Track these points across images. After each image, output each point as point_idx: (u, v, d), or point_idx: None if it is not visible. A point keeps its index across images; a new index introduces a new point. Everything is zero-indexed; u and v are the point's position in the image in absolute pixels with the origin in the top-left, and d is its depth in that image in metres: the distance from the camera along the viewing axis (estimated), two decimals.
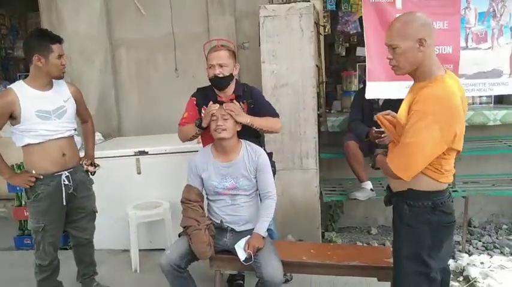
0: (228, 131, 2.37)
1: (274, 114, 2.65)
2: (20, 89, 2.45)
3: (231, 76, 2.55)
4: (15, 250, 3.82)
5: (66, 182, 2.58)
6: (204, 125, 2.47)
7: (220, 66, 2.48)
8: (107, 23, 4.39)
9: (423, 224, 1.79)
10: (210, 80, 2.56)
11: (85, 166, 2.74)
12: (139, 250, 3.31)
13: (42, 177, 2.50)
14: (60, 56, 2.52)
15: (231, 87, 2.60)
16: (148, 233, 3.52)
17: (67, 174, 2.58)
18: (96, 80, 4.45)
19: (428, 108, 1.67)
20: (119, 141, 4.16)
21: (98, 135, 4.10)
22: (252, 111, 2.58)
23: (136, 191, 3.51)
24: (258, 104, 2.63)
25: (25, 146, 2.49)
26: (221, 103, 2.48)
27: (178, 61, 4.33)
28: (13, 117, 2.44)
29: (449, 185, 1.86)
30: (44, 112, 2.48)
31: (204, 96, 2.63)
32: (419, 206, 1.79)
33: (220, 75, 2.49)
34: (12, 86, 2.49)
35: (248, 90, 2.67)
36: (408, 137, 1.70)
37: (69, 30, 4.41)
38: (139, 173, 3.53)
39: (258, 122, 2.52)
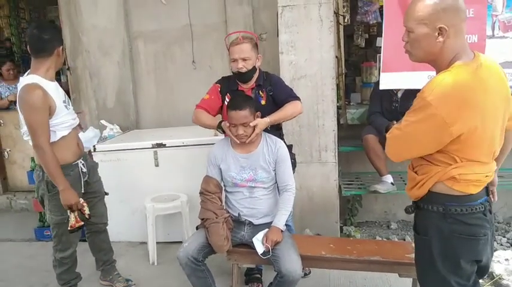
0: (248, 136, 2.36)
1: (293, 97, 2.60)
2: (42, 82, 2.38)
3: (253, 69, 2.55)
4: (35, 241, 3.88)
5: (84, 170, 2.60)
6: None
7: (244, 60, 2.48)
8: (125, 16, 4.39)
9: (432, 232, 1.59)
10: (234, 73, 2.58)
11: None
12: (157, 243, 3.31)
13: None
14: None
15: (254, 78, 2.61)
16: (165, 226, 3.52)
17: (82, 162, 2.61)
18: (114, 73, 4.47)
19: (427, 96, 1.46)
20: (137, 134, 4.17)
21: (116, 128, 4.13)
22: (271, 98, 2.60)
23: (154, 183, 3.51)
24: (276, 91, 2.62)
25: (57, 140, 2.43)
26: (242, 93, 2.57)
27: (196, 53, 4.30)
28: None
29: (478, 193, 1.58)
30: (65, 102, 2.51)
31: (227, 85, 2.65)
32: (429, 210, 1.60)
33: (244, 70, 2.50)
34: (34, 81, 2.35)
35: (268, 79, 2.66)
36: (402, 123, 1.57)
37: (87, 23, 4.44)
38: (157, 165, 3.53)
39: (277, 117, 2.51)
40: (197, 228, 2.52)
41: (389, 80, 3.09)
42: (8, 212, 4.80)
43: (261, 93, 2.60)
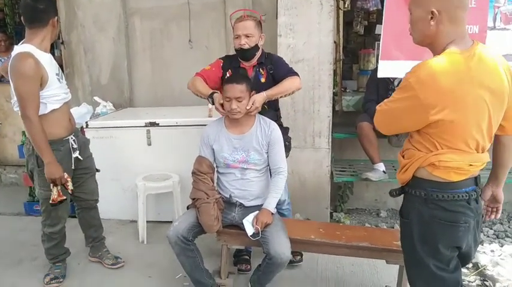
0: (242, 112, 2.35)
1: (291, 73, 2.61)
2: (36, 52, 2.32)
3: (256, 47, 2.58)
4: (24, 216, 3.87)
5: (75, 146, 2.57)
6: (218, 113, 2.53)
7: (246, 36, 2.52)
8: None
9: (413, 215, 1.65)
10: (236, 50, 2.60)
11: None
12: (147, 222, 3.31)
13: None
14: None
15: (256, 56, 2.63)
16: (156, 205, 3.52)
17: (73, 137, 2.58)
18: (109, 49, 4.39)
19: (410, 77, 1.52)
20: (130, 112, 4.13)
21: (109, 105, 4.09)
22: (271, 76, 2.62)
23: (146, 162, 3.50)
24: (276, 69, 2.63)
25: (47, 113, 2.40)
26: (244, 70, 2.60)
27: (193, 32, 4.23)
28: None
29: (463, 181, 1.60)
30: (58, 75, 2.46)
31: (230, 62, 2.68)
32: (412, 194, 1.65)
33: (246, 47, 2.53)
34: (27, 50, 2.32)
35: (269, 57, 2.68)
36: (390, 98, 1.65)
37: None
38: (149, 144, 3.51)
39: (274, 91, 2.51)
40: (188, 208, 2.52)
41: (387, 68, 3.06)
42: None
43: (261, 71, 2.63)
